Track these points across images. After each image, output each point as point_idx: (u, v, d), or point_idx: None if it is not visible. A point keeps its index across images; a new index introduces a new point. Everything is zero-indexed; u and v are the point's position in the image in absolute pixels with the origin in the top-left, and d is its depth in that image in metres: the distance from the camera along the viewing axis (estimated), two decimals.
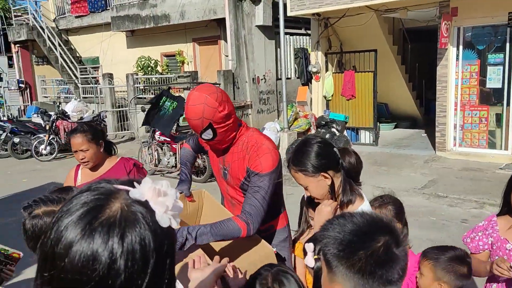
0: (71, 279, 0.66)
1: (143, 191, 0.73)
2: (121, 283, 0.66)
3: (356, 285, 1.01)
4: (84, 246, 0.66)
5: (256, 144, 2.07)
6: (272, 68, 11.65)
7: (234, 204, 2.25)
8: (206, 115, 1.91)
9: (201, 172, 7.92)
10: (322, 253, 1.08)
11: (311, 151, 1.81)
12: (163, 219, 0.71)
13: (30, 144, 10.30)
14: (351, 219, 1.07)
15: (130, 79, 12.17)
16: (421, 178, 7.43)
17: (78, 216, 0.69)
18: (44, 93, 16.57)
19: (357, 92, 9.92)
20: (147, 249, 0.68)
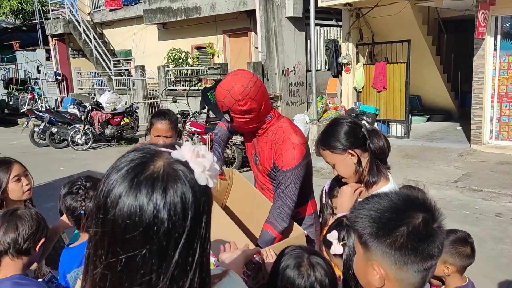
0: (120, 228, 0.73)
1: (183, 152, 0.79)
2: (164, 231, 0.73)
3: (397, 262, 1.01)
4: (131, 198, 0.73)
5: (283, 137, 2.08)
6: (302, 60, 11.58)
7: (263, 189, 2.30)
8: (226, 102, 1.99)
9: (231, 162, 8.01)
10: (357, 233, 1.08)
11: (339, 129, 1.84)
12: (201, 178, 0.77)
13: (67, 134, 10.65)
14: (386, 198, 1.07)
15: (162, 71, 12.36)
16: (454, 172, 7.26)
17: (126, 170, 0.76)
18: (79, 85, 17.06)
19: (389, 84, 9.74)
20: (187, 202, 0.75)
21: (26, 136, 11.45)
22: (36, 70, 18.41)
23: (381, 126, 10.03)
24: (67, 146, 10.68)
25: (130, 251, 0.73)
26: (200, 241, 0.78)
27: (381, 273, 1.04)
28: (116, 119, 11.06)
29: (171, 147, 0.81)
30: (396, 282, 1.04)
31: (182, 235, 0.74)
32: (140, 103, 12.56)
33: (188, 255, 0.76)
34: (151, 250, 0.73)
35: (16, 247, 1.66)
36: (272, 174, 2.15)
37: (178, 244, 0.74)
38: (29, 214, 1.74)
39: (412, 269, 1.02)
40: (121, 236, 0.73)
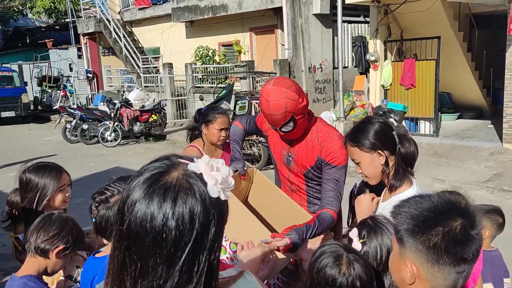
0: (134, 232, 0.79)
1: (199, 165, 0.83)
2: (172, 239, 0.78)
3: (429, 260, 1.03)
4: (144, 205, 0.79)
5: (328, 135, 2.12)
6: (329, 57, 11.50)
7: (293, 190, 2.30)
8: (289, 109, 1.96)
9: (256, 160, 8.05)
10: (395, 229, 1.11)
11: (370, 128, 1.84)
12: (213, 190, 0.81)
13: (97, 131, 10.93)
14: (428, 198, 1.09)
15: (189, 69, 12.51)
16: (485, 171, 7.09)
17: (144, 179, 0.82)
18: (109, 82, 17.46)
19: (417, 81, 9.56)
20: (195, 213, 0.79)
21: (59, 132, 11.82)
22: (68, 68, 18.95)
23: (409, 124, 9.87)
24: (97, 143, 10.97)
25: (142, 256, 0.78)
26: (207, 250, 0.82)
27: (412, 270, 1.06)
28: (144, 116, 11.27)
29: (189, 160, 0.86)
30: (427, 281, 1.05)
31: (188, 243, 0.79)
32: (168, 100, 12.76)
33: (194, 262, 0.80)
34: (161, 256, 0.78)
35: (34, 245, 1.69)
36: (310, 173, 2.17)
37: (184, 251, 0.78)
38: (60, 219, 1.75)
39: (443, 270, 1.03)
40: (134, 241, 0.79)
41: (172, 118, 12.92)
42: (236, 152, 2.39)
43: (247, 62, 11.58)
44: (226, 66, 12.59)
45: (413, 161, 1.88)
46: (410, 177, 1.86)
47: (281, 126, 2.03)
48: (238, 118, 2.58)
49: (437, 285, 1.05)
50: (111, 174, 7.30)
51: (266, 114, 2.01)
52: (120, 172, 8.29)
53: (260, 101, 2.05)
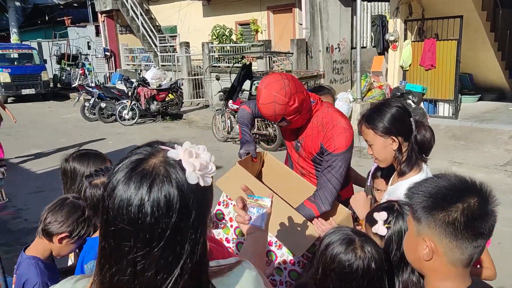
0: (111, 217, 0.81)
1: (178, 151, 0.84)
2: (148, 225, 0.79)
3: (448, 236, 1.07)
4: (121, 191, 0.80)
5: (332, 121, 2.12)
6: (347, 37, 11.31)
7: (304, 174, 2.32)
8: (278, 112, 1.99)
9: (272, 140, 8.07)
10: (412, 208, 1.14)
11: (388, 112, 1.82)
12: (191, 177, 0.82)
13: (115, 109, 11.07)
14: (445, 178, 1.13)
15: (206, 48, 12.47)
16: (504, 155, 6.98)
17: (124, 166, 0.83)
18: (126, 61, 17.54)
19: (438, 61, 9.36)
20: (171, 199, 0.79)
21: (77, 110, 12.01)
22: (87, 46, 19.09)
23: (428, 106, 9.71)
24: (115, 121, 11.11)
25: (119, 240, 0.80)
26: (188, 235, 0.82)
27: (431, 246, 1.09)
28: (161, 95, 11.34)
29: (171, 146, 0.86)
30: (444, 256, 1.09)
31: (166, 230, 0.79)
32: (185, 80, 12.78)
33: (174, 248, 0.81)
34: (136, 241, 0.79)
35: (41, 226, 1.72)
36: (317, 159, 2.18)
37: (162, 237, 0.79)
38: (71, 206, 1.74)
39: (461, 245, 1.07)
40: (112, 225, 0.80)
41: (188, 98, 12.96)
42: (246, 134, 2.40)
43: (264, 41, 11.48)
44: (243, 46, 12.50)
45: (429, 148, 1.87)
46: (421, 163, 1.85)
47: (275, 123, 2.09)
48: (246, 102, 2.59)
49: (455, 259, 1.09)
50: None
51: (261, 112, 2.06)
52: None
53: (256, 98, 2.09)
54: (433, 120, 9.04)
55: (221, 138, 8.94)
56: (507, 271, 3.22)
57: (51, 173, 6.65)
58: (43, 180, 6.53)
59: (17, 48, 17.52)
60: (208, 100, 12.31)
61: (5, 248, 4.36)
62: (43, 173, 7.06)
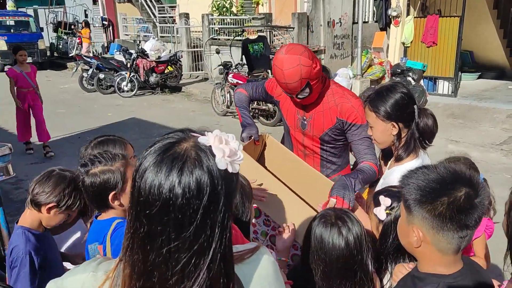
0: (143, 198, 0.83)
1: (209, 138, 0.87)
2: (179, 206, 0.81)
3: (435, 227, 1.14)
4: (153, 173, 0.82)
5: (345, 96, 2.15)
6: (349, 11, 11.16)
7: (306, 154, 2.34)
8: (304, 75, 1.96)
9: (271, 116, 8.09)
10: (404, 198, 1.20)
11: (392, 98, 1.85)
12: (221, 162, 0.84)
13: (113, 81, 10.99)
14: (435, 170, 1.18)
15: (206, 20, 12.30)
16: (501, 134, 7.05)
17: (155, 149, 0.85)
18: (125, 31, 17.28)
19: (440, 38, 9.30)
20: (201, 183, 0.82)
21: (75, 80, 11.91)
22: (84, 14, 18.75)
23: (428, 83, 9.71)
24: (114, 92, 11.05)
25: (150, 221, 0.82)
26: (218, 219, 0.84)
27: (419, 235, 1.17)
28: (160, 67, 11.25)
29: (201, 134, 0.89)
30: (432, 245, 1.17)
31: (198, 212, 0.81)
32: (184, 52, 12.65)
33: (205, 231, 0.82)
34: (169, 222, 0.81)
35: (30, 197, 1.75)
36: (327, 135, 2.20)
37: (193, 219, 0.81)
38: (58, 176, 1.76)
39: (447, 236, 1.14)
40: (143, 206, 0.82)
41: (187, 70, 12.86)
42: (247, 118, 2.37)
43: (265, 15, 11.32)
44: (244, 18, 12.33)
45: (432, 136, 1.92)
46: (418, 150, 1.90)
47: (297, 93, 2.05)
48: (242, 85, 2.54)
49: (442, 248, 1.16)
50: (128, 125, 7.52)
51: (282, 83, 2.02)
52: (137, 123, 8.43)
53: (274, 70, 2.04)
54: (432, 98, 9.06)
55: (220, 112, 8.95)
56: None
57: (50, 144, 6.68)
58: (42, 151, 6.57)
59: (13, 15, 17.19)
60: (208, 73, 12.22)
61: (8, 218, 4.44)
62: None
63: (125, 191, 1.58)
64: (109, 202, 1.59)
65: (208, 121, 8.44)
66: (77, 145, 6.86)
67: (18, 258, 1.72)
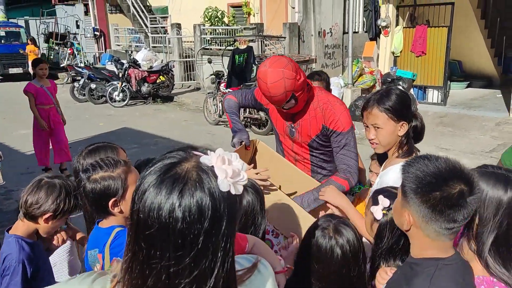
0: (142, 220, 0.80)
1: (211, 158, 0.83)
2: (179, 230, 0.78)
3: (425, 216, 1.20)
4: (152, 195, 0.79)
5: (329, 102, 2.17)
6: (339, 21, 11.29)
7: (297, 160, 2.36)
8: (288, 88, 1.99)
9: (263, 124, 8.12)
10: (402, 183, 1.26)
11: (400, 97, 1.82)
12: (223, 184, 0.81)
13: (105, 91, 10.98)
14: (435, 163, 1.21)
15: (197, 30, 12.36)
16: (490, 141, 7.13)
17: (156, 170, 0.82)
18: (117, 41, 17.29)
19: (428, 48, 9.44)
20: (203, 206, 0.78)
21: (67, 90, 11.87)
22: (75, 25, 18.74)
23: (417, 92, 9.82)
24: (105, 102, 11.04)
25: (150, 244, 0.78)
26: (220, 243, 0.81)
27: (409, 220, 1.25)
28: (152, 77, 11.27)
29: (204, 152, 0.86)
30: (420, 230, 1.24)
31: (199, 236, 0.78)
32: (176, 62, 12.69)
33: (207, 256, 0.79)
34: (168, 246, 0.78)
35: (23, 210, 1.73)
36: (315, 142, 2.23)
37: (194, 244, 0.78)
38: (48, 185, 1.74)
39: (435, 225, 1.20)
40: (143, 228, 0.79)
41: (179, 80, 12.89)
42: (237, 123, 2.38)
43: (256, 24, 11.41)
44: (235, 28, 12.41)
45: (423, 133, 1.94)
46: (413, 150, 1.90)
47: (282, 105, 2.08)
48: (231, 92, 2.56)
49: (429, 233, 1.23)
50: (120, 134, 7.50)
51: (267, 96, 2.05)
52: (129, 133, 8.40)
53: (258, 83, 2.07)
54: (422, 106, 9.16)
55: (212, 121, 8.96)
56: None
57: None
58: (33, 161, 6.52)
59: (4, 26, 17.18)
60: (200, 83, 12.26)
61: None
62: (33, 154, 7.04)
63: (126, 198, 1.56)
64: (109, 209, 1.57)
65: (200, 130, 8.45)
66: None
67: (11, 267, 1.70)
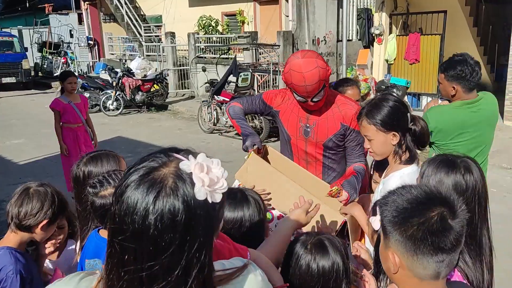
0: (117, 223, 0.80)
1: (190, 164, 0.81)
2: (152, 236, 0.77)
3: (408, 250, 1.06)
4: (129, 196, 0.79)
5: (348, 102, 2.30)
6: (333, 29, 11.33)
7: (309, 162, 2.38)
8: (322, 76, 2.09)
9: (258, 133, 8.10)
10: (381, 221, 1.14)
11: (388, 107, 1.84)
12: (200, 192, 0.79)
13: (99, 99, 10.92)
14: (409, 190, 1.12)
15: (192, 38, 12.38)
16: None
17: (136, 172, 0.81)
18: (111, 50, 17.28)
19: (422, 56, 9.50)
20: (176, 214, 0.77)
21: None
22: (69, 34, 18.72)
23: (411, 99, 9.86)
24: (99, 111, 10.97)
25: (124, 247, 0.78)
26: (193, 251, 0.79)
27: (394, 260, 1.09)
28: (146, 86, 11.24)
29: (185, 156, 0.83)
30: (409, 271, 1.08)
31: (171, 244, 0.77)
32: (170, 70, 12.68)
33: (180, 263, 0.78)
34: (141, 251, 0.77)
35: (15, 222, 1.69)
36: (331, 141, 2.27)
37: (166, 250, 0.77)
38: (38, 194, 1.72)
39: (422, 260, 1.05)
40: (118, 232, 0.80)
41: (174, 88, 12.87)
42: (246, 127, 2.37)
43: (251, 33, 11.45)
44: (229, 37, 12.44)
45: (427, 138, 1.91)
46: (416, 155, 1.90)
47: (314, 95, 2.13)
48: (236, 99, 2.56)
49: (419, 275, 1.07)
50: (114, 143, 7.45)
51: (300, 86, 2.10)
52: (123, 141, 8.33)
53: (291, 75, 2.11)
54: (416, 114, 9.18)
55: (207, 129, 8.93)
56: None
57: (33, 164, 6.58)
58: (25, 172, 6.46)
59: None
60: (194, 91, 12.24)
61: None
62: (26, 164, 6.97)
63: None
64: None
65: (194, 139, 8.41)
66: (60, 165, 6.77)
67: (8, 278, 1.65)
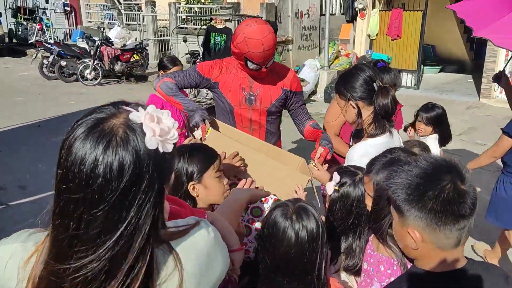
0: (65, 175, 0.80)
1: (140, 114, 0.82)
2: (99, 185, 0.78)
3: (429, 224, 1.07)
4: (77, 149, 0.79)
5: (283, 66, 2.48)
6: (317, 3, 11.23)
7: (253, 129, 2.43)
8: (275, 41, 2.20)
9: None
10: (391, 200, 1.15)
11: (352, 77, 1.91)
12: (150, 142, 0.80)
13: (76, 68, 10.64)
14: (416, 164, 1.12)
15: (173, 8, 12.08)
16: (460, 125, 7.30)
17: (84, 124, 0.81)
18: (88, 18, 16.73)
19: (403, 32, 9.53)
20: (124, 163, 0.78)
21: (35, 67, 11.46)
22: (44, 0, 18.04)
23: None
24: (76, 81, 10.71)
25: (68, 197, 0.79)
26: (137, 201, 0.80)
27: (416, 237, 1.11)
28: (125, 56, 10.98)
29: (135, 108, 0.84)
30: (431, 244, 1.11)
31: (115, 193, 0.78)
32: (150, 40, 12.41)
33: (120, 211, 0.79)
34: (84, 200, 0.78)
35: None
36: (274, 107, 2.39)
37: (109, 200, 0.78)
38: None
39: (444, 230, 1.07)
40: (63, 181, 0.80)
41: (154, 59, 12.60)
42: (189, 102, 2.23)
43: (233, 4, 11.24)
44: (212, 7, 12.19)
45: (387, 114, 1.87)
46: (388, 128, 1.92)
47: (268, 61, 2.22)
48: (166, 75, 2.40)
49: (442, 245, 1.10)
50: None
51: (258, 52, 2.15)
52: None
53: (247, 43, 2.15)
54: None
55: None
56: None
57: (9, 132, 6.44)
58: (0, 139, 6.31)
59: None
60: None
61: None
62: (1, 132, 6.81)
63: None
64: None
65: None
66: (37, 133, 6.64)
67: None
